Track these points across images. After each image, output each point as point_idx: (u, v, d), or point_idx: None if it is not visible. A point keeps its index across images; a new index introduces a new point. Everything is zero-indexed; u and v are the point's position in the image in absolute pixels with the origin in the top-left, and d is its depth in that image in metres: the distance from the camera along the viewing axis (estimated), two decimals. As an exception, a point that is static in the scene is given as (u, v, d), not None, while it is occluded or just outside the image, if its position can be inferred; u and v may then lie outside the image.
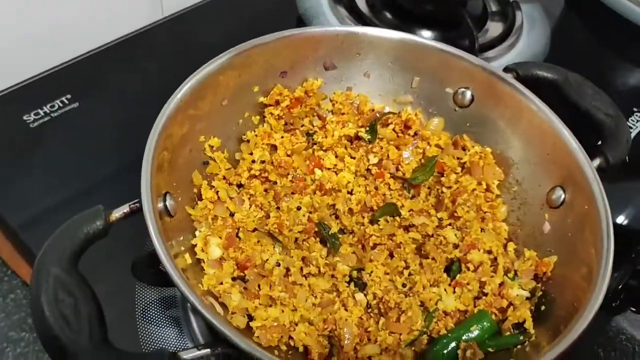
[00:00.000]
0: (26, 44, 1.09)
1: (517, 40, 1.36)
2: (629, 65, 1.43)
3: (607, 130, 0.87)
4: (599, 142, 0.89)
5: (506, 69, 0.91)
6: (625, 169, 1.07)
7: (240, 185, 0.88)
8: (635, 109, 1.27)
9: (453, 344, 0.74)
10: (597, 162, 0.82)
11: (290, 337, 0.74)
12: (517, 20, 1.39)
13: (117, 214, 0.69)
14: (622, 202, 1.11)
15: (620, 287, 1.06)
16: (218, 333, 0.62)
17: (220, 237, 0.79)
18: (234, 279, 0.77)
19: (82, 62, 1.17)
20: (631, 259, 1.04)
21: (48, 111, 1.07)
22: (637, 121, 1.25)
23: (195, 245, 0.77)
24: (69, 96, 1.10)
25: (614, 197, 0.82)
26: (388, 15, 1.33)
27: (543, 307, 0.77)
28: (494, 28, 1.37)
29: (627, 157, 1.10)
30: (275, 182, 0.88)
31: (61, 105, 1.08)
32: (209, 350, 0.62)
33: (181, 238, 0.76)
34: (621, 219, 1.07)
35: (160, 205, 0.73)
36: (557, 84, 0.92)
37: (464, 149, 0.93)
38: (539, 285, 0.79)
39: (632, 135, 1.22)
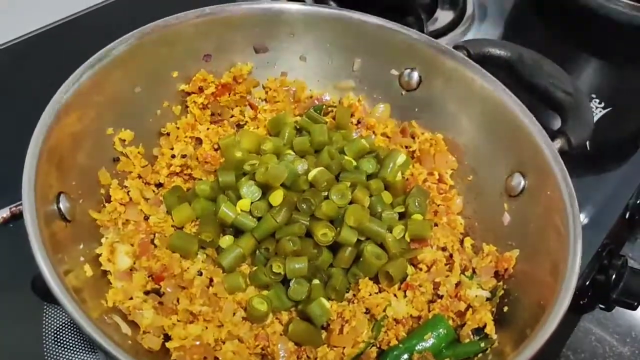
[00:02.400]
0: None
1: (468, 29, 1.30)
2: (584, 54, 1.39)
3: (567, 110, 0.80)
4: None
5: (456, 47, 0.84)
6: (586, 159, 1.01)
7: (159, 185, 0.77)
8: (593, 96, 1.23)
9: (405, 356, 0.65)
10: (558, 143, 0.76)
11: (216, 358, 0.64)
12: (468, 9, 1.33)
13: (-7, 219, 0.58)
14: (582, 201, 1.05)
15: (587, 283, 1.00)
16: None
17: (132, 245, 0.69)
18: (147, 292, 0.67)
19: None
20: (597, 253, 0.97)
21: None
22: (596, 108, 1.20)
23: (101, 255, 0.66)
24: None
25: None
26: (332, 3, 1.25)
27: (506, 309, 0.69)
28: (444, 16, 1.31)
29: (587, 144, 1.04)
30: (200, 180, 0.77)
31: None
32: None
33: (81, 246, 0.65)
34: (583, 218, 1.02)
35: (52, 207, 0.62)
36: (511, 62, 0.85)
37: (412, 136, 0.85)
38: (500, 283, 0.72)
39: (592, 122, 1.17)
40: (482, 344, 0.66)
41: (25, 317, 0.76)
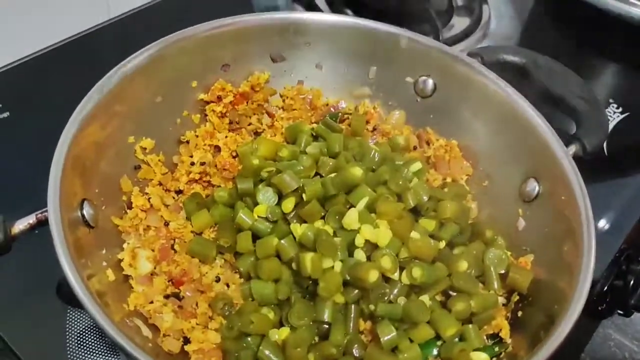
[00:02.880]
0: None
1: (485, 35, 1.30)
2: (602, 59, 1.38)
3: (582, 115, 0.80)
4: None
5: (470, 54, 0.84)
6: (603, 164, 1.00)
7: (179, 192, 0.79)
8: (611, 100, 1.22)
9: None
10: (572, 149, 0.76)
11: (235, 361, 0.65)
12: (484, 15, 1.33)
13: (20, 225, 0.60)
14: (600, 207, 1.04)
15: (605, 289, 0.99)
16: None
17: (153, 250, 0.70)
18: (167, 296, 0.68)
19: (15, 69, 1.07)
20: (615, 259, 0.96)
21: (-24, 121, 0.97)
22: (614, 112, 1.19)
23: (122, 260, 0.68)
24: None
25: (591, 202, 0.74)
26: (349, 12, 1.26)
27: (520, 313, 0.69)
28: (460, 23, 1.31)
29: (605, 150, 1.03)
30: (219, 186, 0.78)
31: (-10, 115, 0.98)
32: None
33: (104, 251, 0.67)
34: (602, 224, 1.01)
35: (76, 214, 0.64)
36: (525, 68, 0.85)
37: (428, 143, 0.85)
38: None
39: (609, 127, 1.16)
40: (496, 349, 0.66)
41: (49, 320, 0.77)
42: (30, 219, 0.60)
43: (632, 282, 0.94)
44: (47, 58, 1.09)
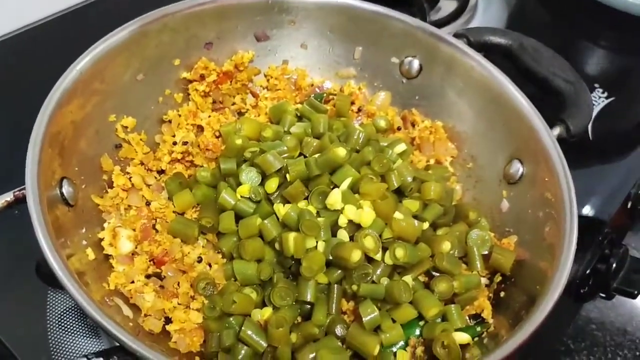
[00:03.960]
0: None
1: (472, 18, 1.29)
2: (589, 43, 1.37)
3: (567, 97, 0.80)
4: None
5: (456, 35, 0.84)
6: (589, 149, 1.00)
7: (161, 172, 0.78)
8: (596, 85, 1.22)
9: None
10: (557, 130, 0.75)
11: (216, 341, 0.64)
12: (472, -2, 1.32)
13: (-3, 203, 0.58)
14: (585, 192, 1.05)
15: (587, 272, 0.99)
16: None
17: (134, 229, 0.69)
18: (148, 276, 0.67)
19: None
20: (598, 242, 0.97)
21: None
22: (599, 97, 1.19)
23: (103, 239, 0.67)
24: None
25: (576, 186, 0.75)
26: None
27: (502, 294, 0.69)
28: (447, 6, 1.30)
29: (590, 134, 1.03)
30: (202, 167, 0.77)
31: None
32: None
33: (83, 230, 0.66)
34: (587, 210, 1.02)
35: (55, 192, 0.63)
36: (511, 50, 0.84)
37: (413, 124, 0.85)
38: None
39: (595, 112, 1.16)
40: (479, 328, 0.66)
41: (30, 302, 0.76)
42: (8, 197, 0.59)
43: (614, 265, 0.94)
44: (30, 35, 1.08)
